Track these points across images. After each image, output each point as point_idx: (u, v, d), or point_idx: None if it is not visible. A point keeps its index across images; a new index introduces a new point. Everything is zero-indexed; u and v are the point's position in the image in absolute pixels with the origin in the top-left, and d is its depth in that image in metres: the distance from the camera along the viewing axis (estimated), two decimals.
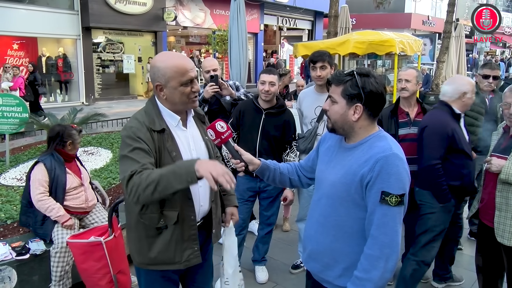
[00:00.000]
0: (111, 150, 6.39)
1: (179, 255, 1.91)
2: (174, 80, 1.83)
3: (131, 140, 1.79)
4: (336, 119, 1.73)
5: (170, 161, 1.84)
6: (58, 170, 3.14)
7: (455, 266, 3.77)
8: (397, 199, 1.59)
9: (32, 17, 12.24)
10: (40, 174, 3.10)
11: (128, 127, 1.85)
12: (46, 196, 3.07)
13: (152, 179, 1.67)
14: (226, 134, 1.84)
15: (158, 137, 1.84)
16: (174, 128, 1.93)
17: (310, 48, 6.93)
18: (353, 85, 1.66)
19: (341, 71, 1.74)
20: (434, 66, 14.95)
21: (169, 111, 1.91)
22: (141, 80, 16.29)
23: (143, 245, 1.92)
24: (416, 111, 3.31)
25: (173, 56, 1.89)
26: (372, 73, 1.69)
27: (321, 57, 3.17)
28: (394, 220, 1.61)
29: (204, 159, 1.66)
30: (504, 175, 2.47)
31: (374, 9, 22.11)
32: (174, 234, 1.89)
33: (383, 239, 1.60)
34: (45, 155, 3.23)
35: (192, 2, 16.82)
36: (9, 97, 5.60)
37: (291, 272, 3.63)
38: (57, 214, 3.05)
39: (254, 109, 3.24)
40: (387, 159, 1.60)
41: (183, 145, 1.93)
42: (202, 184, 1.95)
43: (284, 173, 2.03)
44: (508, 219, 2.51)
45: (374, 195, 1.61)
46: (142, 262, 1.95)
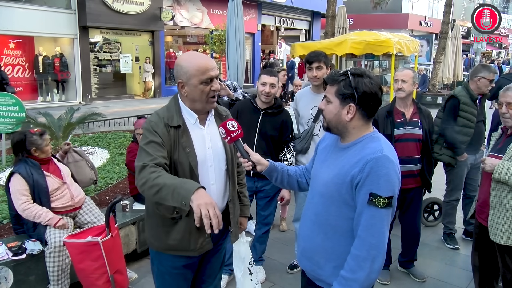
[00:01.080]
0: (108, 149, 6.38)
1: (194, 243, 2.01)
2: (195, 78, 1.91)
3: (149, 133, 1.92)
4: (330, 118, 1.74)
5: (184, 156, 1.94)
6: (36, 175, 3.06)
7: (450, 265, 3.79)
8: (385, 201, 1.59)
9: (29, 16, 12.18)
10: (18, 184, 3.02)
11: (149, 121, 1.97)
12: (31, 204, 3.02)
13: (157, 183, 1.75)
14: (236, 133, 1.88)
15: (174, 132, 1.94)
16: (192, 125, 2.00)
17: (307, 48, 6.93)
18: (346, 85, 1.66)
19: (337, 71, 1.75)
20: (430, 67, 14.99)
21: (188, 109, 2.00)
22: (138, 79, 16.25)
23: (160, 232, 2.02)
24: (412, 111, 3.33)
25: (196, 56, 1.99)
26: (367, 73, 1.69)
27: (317, 57, 3.18)
28: (381, 222, 1.61)
29: (204, 192, 1.69)
30: (496, 174, 2.51)
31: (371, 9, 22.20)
32: (189, 224, 1.96)
33: (370, 240, 1.60)
34: (18, 164, 3.13)
35: (189, 1, 16.80)
36: (5, 97, 5.59)
37: (288, 272, 3.64)
38: (46, 218, 3.01)
39: (252, 109, 3.25)
40: (377, 160, 1.60)
41: (198, 142, 1.99)
42: (214, 183, 2.04)
43: (292, 176, 2.05)
44: (501, 218, 2.54)
45: (362, 196, 1.61)
46: (159, 247, 2.05)
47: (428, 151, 3.34)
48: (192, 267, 2.12)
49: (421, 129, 3.29)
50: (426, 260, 3.85)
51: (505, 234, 2.53)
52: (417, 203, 3.48)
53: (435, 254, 4.00)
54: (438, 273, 3.66)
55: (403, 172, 3.19)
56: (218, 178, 2.06)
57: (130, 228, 3.69)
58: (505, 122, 2.64)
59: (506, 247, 2.57)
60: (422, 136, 3.29)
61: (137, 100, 15.49)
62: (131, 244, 3.69)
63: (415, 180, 3.35)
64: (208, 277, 2.25)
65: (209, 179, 2.02)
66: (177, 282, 2.10)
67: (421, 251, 3.69)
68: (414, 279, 3.54)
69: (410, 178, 3.30)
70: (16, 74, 12.67)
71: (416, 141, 3.29)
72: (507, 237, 2.53)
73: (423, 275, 3.55)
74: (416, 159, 3.31)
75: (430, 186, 3.44)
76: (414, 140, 3.29)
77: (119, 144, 6.66)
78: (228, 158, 2.10)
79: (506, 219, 2.52)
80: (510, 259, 2.60)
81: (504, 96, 2.61)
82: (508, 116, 2.57)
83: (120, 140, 6.86)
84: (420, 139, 3.29)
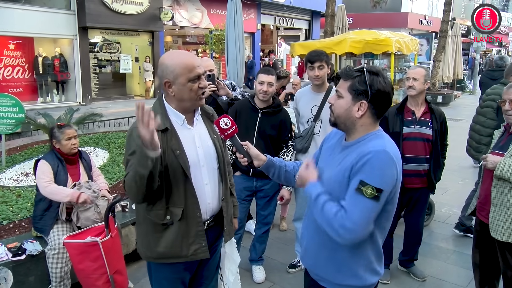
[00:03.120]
0: (108, 150, 6.38)
1: (185, 250, 1.96)
2: (182, 77, 1.87)
3: (133, 141, 1.83)
4: (339, 113, 1.72)
5: (174, 159, 1.89)
6: (60, 167, 3.13)
7: (450, 264, 3.79)
8: (372, 191, 1.55)
9: (28, 17, 12.17)
10: (43, 167, 3.08)
11: (133, 127, 1.87)
12: (51, 183, 3.03)
13: (129, 177, 1.78)
14: (229, 131, 1.87)
15: (162, 136, 1.87)
16: (180, 126, 1.96)
17: (307, 48, 6.93)
18: (361, 81, 1.65)
19: (351, 66, 1.74)
20: (430, 65, 14.98)
21: (175, 111, 1.95)
22: (138, 80, 16.25)
23: (150, 240, 1.97)
24: (423, 110, 3.29)
25: (181, 54, 1.94)
26: (382, 73, 1.68)
27: (319, 56, 3.18)
28: (362, 211, 1.57)
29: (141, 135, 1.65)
30: (498, 171, 2.51)
31: (370, 8, 22.17)
32: (181, 230, 1.93)
33: (346, 223, 1.58)
34: (46, 154, 3.24)
35: (189, 1, 16.80)
36: (5, 97, 5.58)
37: (288, 272, 3.63)
38: (67, 193, 2.99)
39: (251, 109, 3.24)
40: (376, 153, 1.59)
41: (188, 144, 1.95)
42: (208, 182, 2.01)
43: (290, 171, 2.03)
44: (502, 215, 2.55)
45: (353, 184, 1.60)
46: (150, 256, 2.00)
47: (437, 152, 3.28)
48: (189, 270, 2.10)
49: (431, 129, 3.24)
50: (427, 259, 3.84)
51: (506, 230, 2.54)
52: (423, 203, 3.46)
53: (435, 253, 3.99)
54: (438, 272, 3.66)
55: (410, 171, 3.24)
56: (211, 178, 2.04)
57: (130, 229, 3.69)
58: (508, 119, 2.64)
59: (507, 244, 2.58)
60: (431, 136, 3.24)
61: (137, 100, 15.47)
62: (130, 245, 3.68)
63: (421, 180, 3.32)
64: (205, 279, 2.24)
65: (203, 179, 1.99)
66: (175, 286, 2.08)
67: (421, 250, 3.68)
68: (414, 278, 3.54)
69: (416, 178, 3.28)
70: (16, 75, 12.65)
71: (424, 140, 3.24)
72: (508, 233, 2.54)
73: (423, 274, 3.54)
74: (424, 158, 3.26)
75: (434, 187, 3.40)
76: (422, 140, 3.24)
77: (119, 144, 6.66)
78: (219, 157, 2.08)
79: (508, 216, 2.52)
80: (510, 256, 2.60)
81: (507, 93, 2.60)
82: (511, 114, 2.58)
83: (120, 141, 6.86)
84: (429, 139, 3.24)
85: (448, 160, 3.60)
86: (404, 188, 3.22)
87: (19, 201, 4.22)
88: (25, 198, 4.31)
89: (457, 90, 17.51)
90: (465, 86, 19.43)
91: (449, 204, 5.20)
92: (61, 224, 3.08)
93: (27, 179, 5.07)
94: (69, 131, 3.15)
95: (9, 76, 12.47)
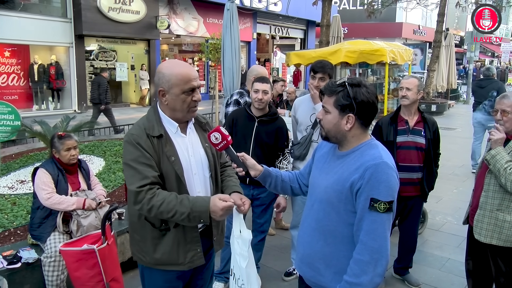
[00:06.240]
0: (103, 158, 6.37)
1: (182, 256, 1.97)
2: (177, 87, 1.88)
3: (132, 147, 1.87)
4: (329, 128, 1.77)
5: (169, 165, 1.90)
6: (60, 176, 3.14)
7: (444, 272, 3.81)
8: (385, 206, 1.62)
9: (24, 25, 12.19)
10: (43, 177, 3.08)
11: (130, 134, 1.91)
12: (54, 193, 3.05)
13: (165, 210, 1.81)
14: (221, 144, 1.90)
15: (157, 142, 1.90)
16: (173, 134, 1.98)
17: (302, 57, 6.99)
18: (344, 96, 1.70)
19: (334, 81, 1.78)
20: (425, 75, 15.13)
21: (168, 118, 1.97)
22: (134, 88, 16.26)
23: (148, 246, 1.98)
24: (416, 119, 3.35)
25: (179, 64, 1.95)
26: (363, 83, 1.73)
27: (323, 68, 3.20)
28: (383, 226, 1.64)
29: (213, 202, 1.82)
30: (489, 156, 2.56)
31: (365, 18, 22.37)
32: (177, 236, 1.95)
33: (372, 244, 1.63)
34: (45, 162, 3.24)
35: (185, 10, 16.89)
36: (1, 105, 5.57)
37: (284, 280, 3.64)
38: (72, 202, 3.05)
39: (247, 117, 3.28)
40: (377, 167, 1.64)
41: (182, 151, 1.97)
42: (200, 190, 2.02)
43: (286, 181, 2.07)
44: (486, 217, 2.62)
45: (363, 202, 1.65)
46: (148, 262, 2.00)
47: (430, 160, 3.33)
48: (183, 278, 2.10)
49: (424, 138, 3.30)
50: (421, 267, 3.87)
51: (489, 233, 2.61)
52: (417, 211, 3.50)
53: (430, 261, 4.02)
54: (433, 279, 3.68)
55: (403, 179, 3.26)
56: (203, 186, 2.04)
57: (126, 236, 3.68)
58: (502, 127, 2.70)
59: (499, 251, 2.62)
60: (424, 145, 3.29)
61: (133, 108, 15.48)
62: (127, 252, 3.68)
63: (415, 189, 3.36)
64: (200, 287, 2.24)
65: (195, 187, 2.00)
66: None
67: (415, 258, 3.71)
68: (409, 286, 3.56)
69: (410, 186, 3.32)
70: (11, 82, 12.64)
71: (418, 149, 3.30)
72: (491, 236, 2.60)
73: (418, 281, 3.57)
74: (417, 167, 3.32)
75: (426, 196, 3.44)
76: (416, 148, 3.30)
77: (115, 152, 6.66)
78: (211, 165, 2.08)
79: (491, 219, 2.59)
80: (502, 262, 2.64)
81: (499, 103, 2.67)
82: (502, 123, 2.64)
83: (115, 149, 6.86)
84: (422, 148, 3.30)
85: (442, 168, 3.64)
86: (399, 197, 3.25)
87: (14, 209, 4.21)
88: (20, 206, 4.30)
89: (451, 100, 17.68)
90: (458, 95, 19.63)
91: (443, 213, 5.24)
92: (58, 232, 3.08)
93: (22, 186, 5.05)
94: (69, 142, 3.16)
95: (4, 83, 12.45)
